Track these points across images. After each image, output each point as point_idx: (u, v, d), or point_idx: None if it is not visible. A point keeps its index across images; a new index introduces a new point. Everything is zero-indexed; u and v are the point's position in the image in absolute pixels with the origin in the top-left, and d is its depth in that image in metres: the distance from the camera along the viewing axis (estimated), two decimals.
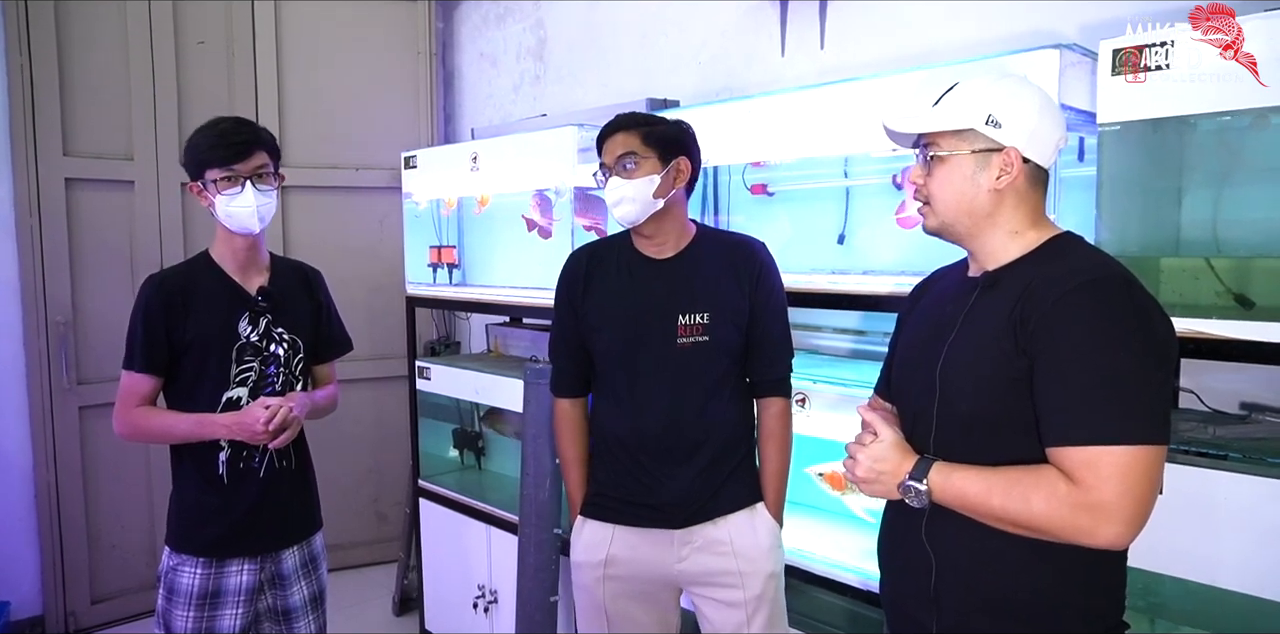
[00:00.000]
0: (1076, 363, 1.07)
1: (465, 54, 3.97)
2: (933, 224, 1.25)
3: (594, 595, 1.82)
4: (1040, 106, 1.18)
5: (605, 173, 1.73)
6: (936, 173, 1.21)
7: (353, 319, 2.18)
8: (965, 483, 1.13)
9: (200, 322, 1.79)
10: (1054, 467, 1.08)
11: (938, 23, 2.26)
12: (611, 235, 1.91)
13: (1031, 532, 1.09)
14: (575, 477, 1.86)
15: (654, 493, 1.73)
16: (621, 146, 1.71)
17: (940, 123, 1.19)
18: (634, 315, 1.74)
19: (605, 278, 1.80)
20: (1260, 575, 1.32)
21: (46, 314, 3.14)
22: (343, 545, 3.70)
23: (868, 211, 2.15)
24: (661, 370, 1.72)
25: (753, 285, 1.75)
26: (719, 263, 1.76)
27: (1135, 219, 1.57)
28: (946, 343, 1.21)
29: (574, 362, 1.85)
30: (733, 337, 1.73)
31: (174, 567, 1.80)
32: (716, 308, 1.72)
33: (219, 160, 1.73)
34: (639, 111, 1.79)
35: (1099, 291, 1.09)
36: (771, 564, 1.75)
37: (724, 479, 1.74)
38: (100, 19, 3.22)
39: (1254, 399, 1.66)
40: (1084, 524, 1.04)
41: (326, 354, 2.02)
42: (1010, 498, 1.09)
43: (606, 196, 1.74)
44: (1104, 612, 1.18)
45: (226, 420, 1.75)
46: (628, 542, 1.77)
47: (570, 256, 1.89)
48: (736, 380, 1.77)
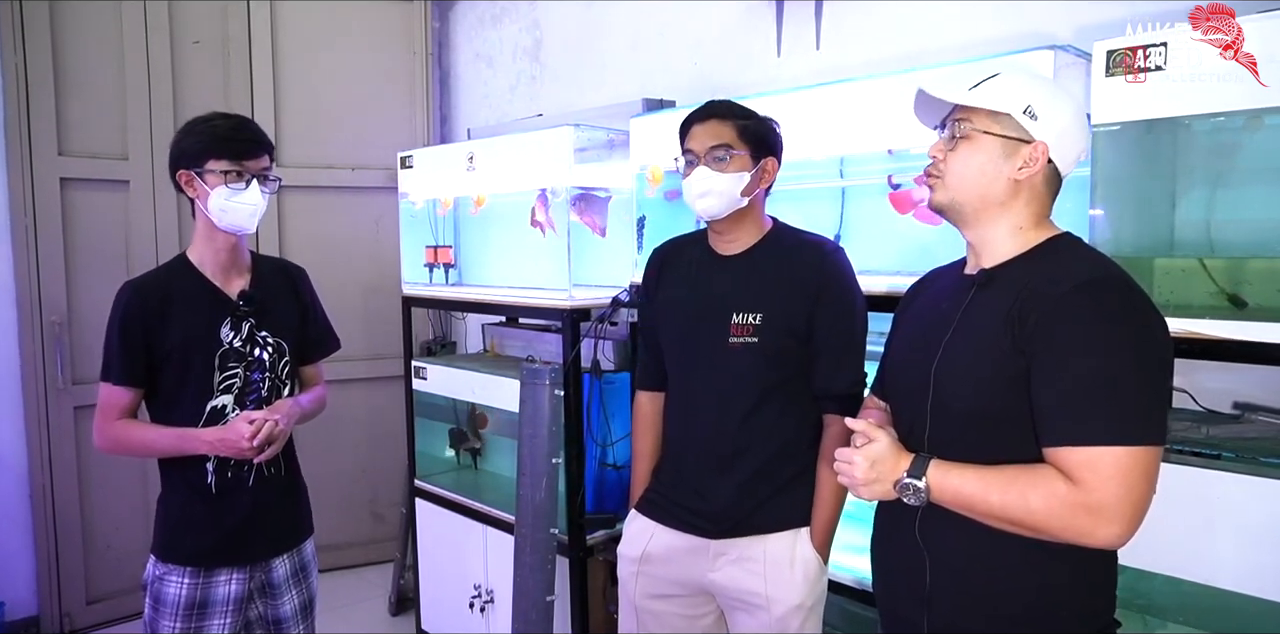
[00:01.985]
0: (1076, 363, 1.07)
1: (461, 54, 3.97)
2: (942, 198, 1.24)
3: (628, 590, 1.80)
4: (1075, 112, 1.20)
5: (692, 160, 1.66)
6: (961, 149, 1.21)
7: (348, 319, 2.18)
8: (963, 480, 1.13)
9: (181, 329, 1.73)
10: (1052, 466, 1.08)
11: (933, 24, 2.26)
12: (693, 231, 1.89)
13: (1028, 530, 1.10)
14: (640, 470, 1.85)
15: (693, 498, 1.70)
16: (714, 137, 1.64)
17: (981, 100, 1.18)
18: (693, 311, 1.71)
19: (676, 273, 1.78)
20: (1253, 574, 1.33)
21: (41, 314, 3.13)
22: (338, 545, 3.70)
23: (863, 212, 2.15)
24: (712, 370, 1.67)
25: (816, 291, 1.63)
26: (784, 264, 1.67)
27: (1130, 219, 1.58)
28: (942, 342, 1.21)
29: (651, 354, 1.84)
30: (784, 342, 1.63)
31: (160, 576, 1.75)
32: (770, 310, 1.63)
33: (230, 153, 1.68)
34: (734, 101, 1.71)
35: (1098, 292, 1.09)
36: (800, 596, 1.63)
37: (769, 495, 1.66)
38: (95, 18, 3.21)
39: (1247, 399, 1.66)
40: (1083, 525, 1.05)
41: (313, 355, 1.98)
42: (1008, 496, 1.09)
43: (691, 186, 1.65)
44: (1097, 610, 1.19)
45: (210, 436, 1.70)
46: (665, 542, 1.74)
47: (654, 249, 1.88)
48: (794, 392, 1.66)
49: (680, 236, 1.88)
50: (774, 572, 1.64)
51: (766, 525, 1.66)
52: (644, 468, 1.84)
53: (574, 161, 2.40)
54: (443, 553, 2.96)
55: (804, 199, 2.26)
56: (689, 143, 1.67)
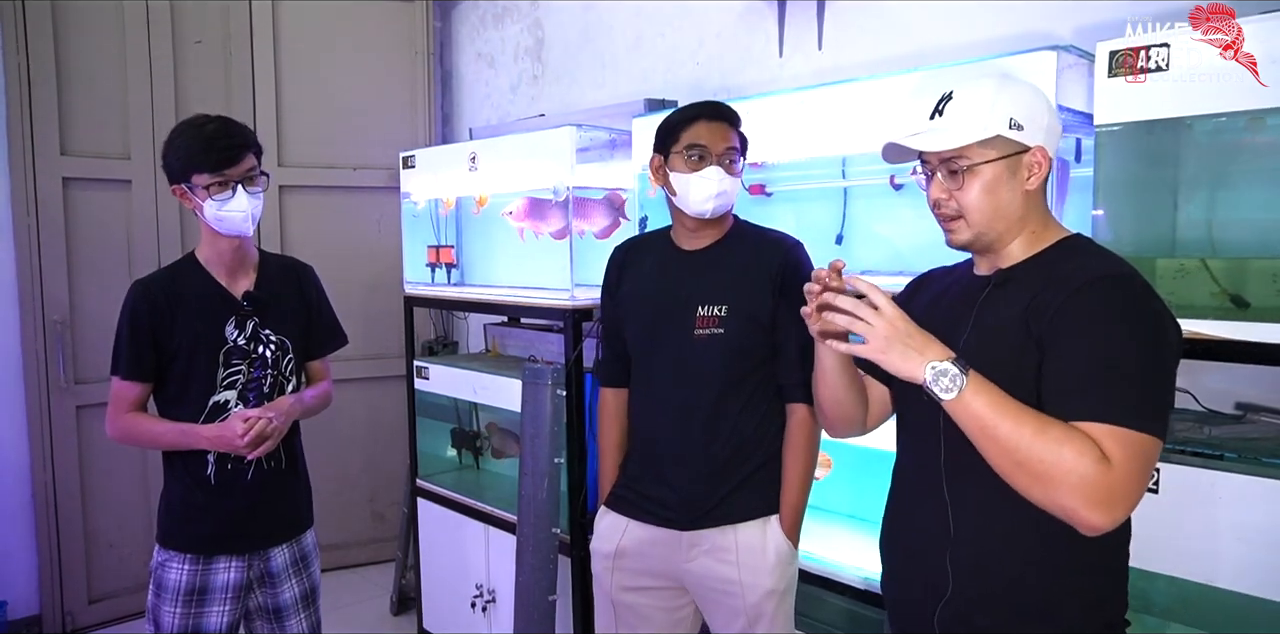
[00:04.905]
0: (1106, 345, 1.06)
1: (463, 54, 3.97)
2: (965, 237, 1.20)
3: (604, 586, 1.82)
4: (1039, 96, 1.20)
5: (704, 156, 1.67)
6: (970, 185, 1.17)
7: (350, 319, 2.18)
8: (1001, 398, 1.05)
9: (187, 327, 1.78)
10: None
11: (935, 24, 2.26)
12: (653, 230, 1.93)
13: (1035, 477, 1.03)
14: (607, 465, 1.87)
15: (663, 491, 1.73)
16: (725, 140, 1.68)
17: (970, 135, 1.16)
18: (658, 305, 1.74)
19: (640, 269, 1.81)
20: (1255, 574, 1.33)
21: (43, 313, 3.13)
22: (340, 545, 3.70)
23: (865, 212, 2.15)
24: (677, 363, 1.71)
25: (779, 284, 1.69)
26: (747, 258, 1.72)
27: (1132, 219, 1.58)
28: (958, 344, 1.18)
29: (615, 351, 1.87)
30: (750, 333, 1.68)
31: (162, 562, 1.81)
32: (735, 302, 1.68)
33: (209, 166, 1.70)
34: (724, 103, 1.74)
35: (1119, 287, 1.10)
36: (774, 581, 1.68)
37: (737, 485, 1.70)
38: (97, 18, 3.22)
39: (1249, 399, 1.66)
40: (1100, 498, 1.00)
41: (319, 350, 2.01)
42: (1044, 437, 1.02)
43: (705, 186, 1.66)
44: (1111, 600, 1.18)
45: (209, 433, 1.74)
46: (638, 537, 1.77)
47: (615, 247, 1.91)
48: (760, 384, 1.71)
49: (641, 235, 1.94)
50: (747, 559, 1.67)
51: (736, 515, 1.70)
52: (610, 464, 1.87)
53: (576, 162, 2.40)
54: (444, 552, 2.96)
55: (806, 199, 2.27)
56: (700, 139, 1.68)
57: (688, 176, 1.67)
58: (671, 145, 1.71)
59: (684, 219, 1.75)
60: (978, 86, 1.19)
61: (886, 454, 1.41)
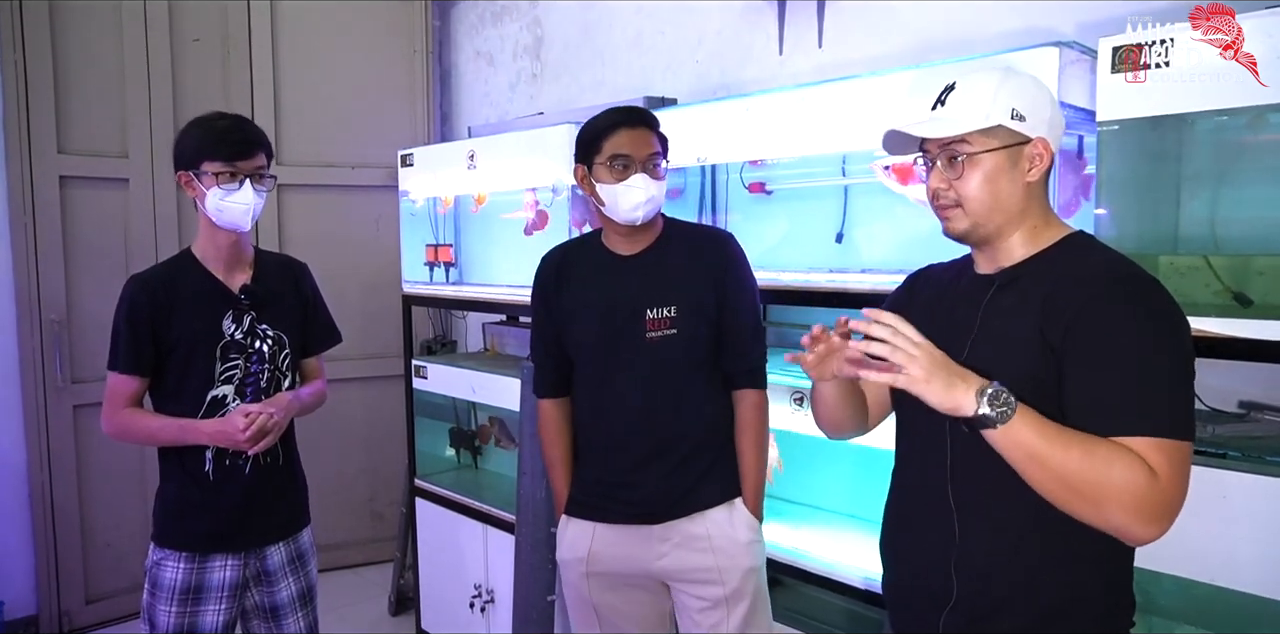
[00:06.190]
0: (1139, 356, 1.05)
1: (462, 52, 3.96)
2: (961, 226, 1.19)
3: (580, 592, 1.82)
4: (1050, 96, 1.20)
5: (629, 167, 1.67)
6: (970, 174, 1.16)
7: (348, 318, 2.18)
8: (1045, 422, 1.04)
9: (185, 321, 1.78)
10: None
11: (935, 21, 2.26)
12: (581, 235, 1.94)
13: (1086, 499, 1.02)
14: (559, 476, 1.86)
15: (630, 489, 1.73)
16: (647, 146, 1.69)
17: (972, 123, 1.15)
18: (605, 311, 1.74)
19: (578, 276, 1.80)
20: (1260, 573, 1.32)
21: (41, 312, 3.13)
22: (338, 545, 3.70)
23: (866, 210, 2.14)
24: (633, 366, 1.72)
25: (720, 277, 1.73)
26: (686, 256, 1.75)
27: (1134, 217, 1.57)
28: (965, 349, 1.16)
29: (553, 361, 1.85)
30: (701, 329, 1.72)
31: (158, 561, 1.80)
32: (684, 301, 1.71)
33: (223, 155, 1.73)
34: (642, 108, 1.76)
35: (1140, 290, 1.09)
36: (750, 559, 1.73)
37: (700, 475, 1.73)
38: (95, 16, 3.21)
39: (1252, 397, 1.65)
40: (1151, 513, 1.00)
41: (315, 347, 2.01)
42: (1091, 458, 1.01)
43: (631, 194, 1.67)
44: (1118, 610, 1.17)
45: (209, 428, 1.75)
46: (608, 539, 1.77)
47: (543, 257, 1.87)
48: (710, 375, 1.75)
49: (567, 242, 1.93)
50: (721, 543, 1.71)
51: (702, 503, 1.73)
52: (562, 474, 1.85)
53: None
54: (443, 552, 2.95)
55: (806, 197, 2.26)
56: (623, 148, 1.68)
57: (614, 187, 1.68)
58: (594, 156, 1.70)
59: (615, 226, 1.75)
60: (981, 77, 1.19)
61: (886, 454, 1.40)
